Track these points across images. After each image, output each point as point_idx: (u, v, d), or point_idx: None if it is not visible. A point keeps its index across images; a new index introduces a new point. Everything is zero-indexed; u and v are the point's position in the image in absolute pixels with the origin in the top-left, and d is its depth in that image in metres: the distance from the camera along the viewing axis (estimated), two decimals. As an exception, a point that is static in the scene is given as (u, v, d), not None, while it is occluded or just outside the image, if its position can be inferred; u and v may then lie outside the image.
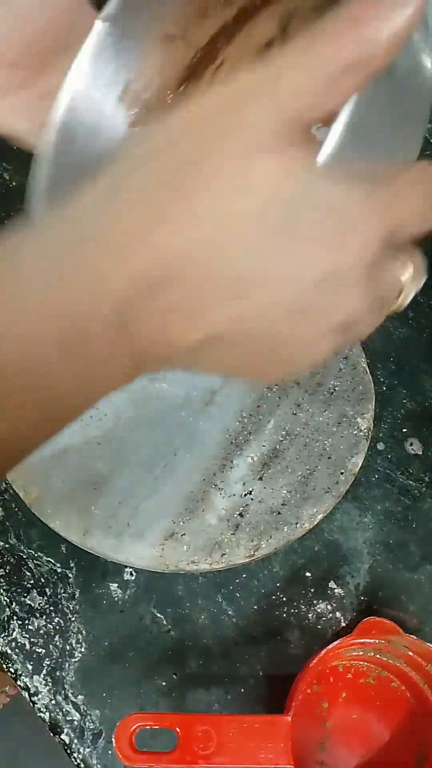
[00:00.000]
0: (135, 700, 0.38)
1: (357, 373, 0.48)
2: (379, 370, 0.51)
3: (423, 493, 0.46)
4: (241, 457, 0.43)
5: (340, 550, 0.44)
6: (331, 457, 0.44)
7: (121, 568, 0.41)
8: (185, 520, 0.41)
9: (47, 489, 0.41)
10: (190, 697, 0.38)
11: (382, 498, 0.46)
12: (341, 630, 0.41)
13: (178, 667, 0.39)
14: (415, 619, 0.42)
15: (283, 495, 0.42)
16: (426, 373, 0.51)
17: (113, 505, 0.41)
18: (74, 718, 0.37)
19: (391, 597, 0.42)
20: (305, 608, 0.41)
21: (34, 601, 0.40)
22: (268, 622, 0.41)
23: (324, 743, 0.38)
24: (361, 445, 0.45)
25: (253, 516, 0.41)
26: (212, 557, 0.40)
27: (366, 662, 0.39)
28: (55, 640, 0.39)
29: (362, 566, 0.43)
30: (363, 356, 0.48)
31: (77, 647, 0.39)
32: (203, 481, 0.42)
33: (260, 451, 0.44)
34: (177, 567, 0.39)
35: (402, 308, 0.24)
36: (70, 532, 0.40)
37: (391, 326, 0.53)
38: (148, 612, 0.40)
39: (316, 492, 0.43)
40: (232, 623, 0.41)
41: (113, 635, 0.40)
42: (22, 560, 0.41)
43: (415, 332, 0.53)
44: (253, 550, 0.40)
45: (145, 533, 0.40)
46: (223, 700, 0.39)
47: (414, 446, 0.48)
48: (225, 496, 0.42)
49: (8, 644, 0.39)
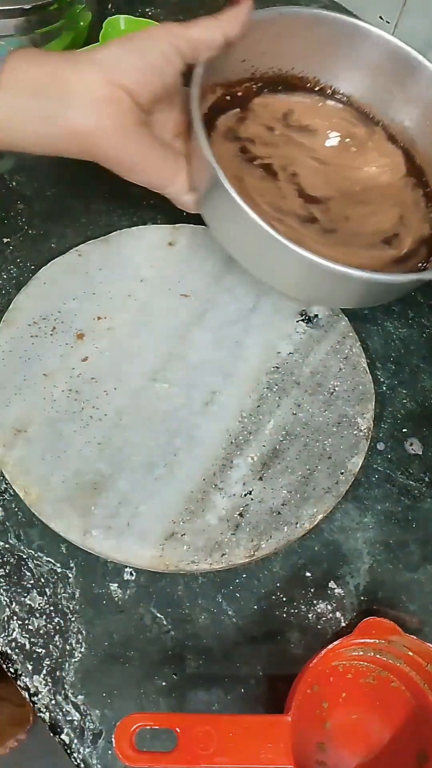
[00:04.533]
0: (135, 700, 0.38)
1: (357, 373, 0.48)
2: (379, 370, 0.51)
3: (423, 493, 0.46)
4: (241, 457, 0.43)
5: (340, 550, 0.44)
6: (331, 457, 0.44)
7: (121, 568, 0.41)
8: (185, 520, 0.41)
9: (47, 489, 0.41)
10: (190, 697, 0.38)
11: (382, 498, 0.46)
12: (341, 630, 0.41)
13: (178, 667, 0.39)
14: (415, 619, 0.42)
15: (283, 495, 0.42)
16: (426, 373, 0.51)
17: (113, 505, 0.41)
18: (74, 718, 0.37)
19: (391, 597, 0.42)
20: (305, 608, 0.41)
21: (34, 601, 0.40)
22: (268, 622, 0.41)
23: (324, 743, 0.38)
24: (361, 445, 0.45)
25: (253, 516, 0.41)
26: (212, 557, 0.40)
27: (366, 662, 0.39)
28: (55, 640, 0.39)
29: (362, 566, 0.43)
30: (363, 356, 0.49)
31: (77, 647, 0.39)
32: (203, 481, 0.42)
33: (260, 451, 0.44)
34: (177, 567, 0.39)
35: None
36: (70, 532, 0.40)
37: (391, 326, 0.53)
38: (148, 612, 0.40)
39: (316, 492, 0.43)
40: (232, 623, 0.41)
41: (113, 635, 0.40)
42: (22, 560, 0.41)
43: (415, 332, 0.53)
44: (253, 550, 0.40)
45: (145, 533, 0.40)
46: (223, 700, 0.39)
47: (414, 446, 0.48)
48: (225, 496, 0.42)
49: (8, 644, 0.39)
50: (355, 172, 0.51)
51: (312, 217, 0.47)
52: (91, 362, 0.46)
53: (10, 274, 0.52)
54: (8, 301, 0.48)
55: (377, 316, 0.54)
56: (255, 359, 0.47)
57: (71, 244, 0.53)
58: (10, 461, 0.41)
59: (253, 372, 0.47)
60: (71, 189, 0.58)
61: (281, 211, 0.46)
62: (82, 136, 0.40)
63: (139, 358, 0.47)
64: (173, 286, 0.50)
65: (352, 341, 0.49)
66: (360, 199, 0.49)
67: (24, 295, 0.48)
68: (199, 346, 0.48)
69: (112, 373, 0.46)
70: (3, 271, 0.52)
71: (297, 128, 0.50)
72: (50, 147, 0.41)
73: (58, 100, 0.39)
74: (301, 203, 0.47)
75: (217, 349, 0.48)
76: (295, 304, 0.50)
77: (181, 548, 0.40)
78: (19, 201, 0.57)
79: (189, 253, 0.52)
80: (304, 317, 0.50)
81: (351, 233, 0.47)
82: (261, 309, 0.50)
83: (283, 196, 0.47)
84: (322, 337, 0.49)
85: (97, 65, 0.39)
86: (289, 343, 0.48)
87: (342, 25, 0.47)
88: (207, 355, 0.47)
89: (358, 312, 0.54)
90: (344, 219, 0.47)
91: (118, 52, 0.39)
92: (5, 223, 0.55)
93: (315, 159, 0.50)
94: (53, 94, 0.39)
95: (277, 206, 0.46)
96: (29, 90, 0.39)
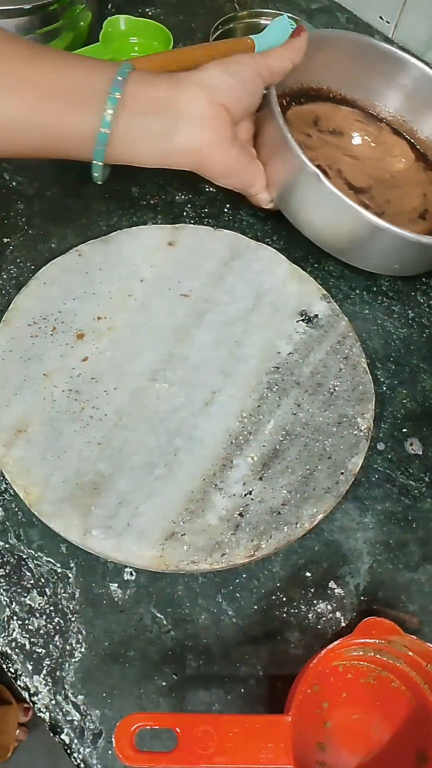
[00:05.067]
0: (135, 700, 0.38)
1: (357, 373, 0.48)
2: (379, 370, 0.51)
3: (423, 493, 0.46)
4: (241, 457, 0.43)
5: (340, 550, 0.44)
6: (331, 457, 0.44)
7: (121, 568, 0.41)
8: (185, 520, 0.41)
9: (47, 489, 0.41)
10: (190, 697, 0.38)
11: (382, 498, 0.46)
12: (341, 630, 0.41)
13: (178, 667, 0.39)
14: (415, 619, 0.42)
15: (283, 495, 0.42)
16: (426, 373, 0.51)
17: (113, 505, 0.41)
18: (74, 718, 0.37)
19: (391, 597, 0.42)
20: (305, 608, 0.41)
21: (34, 601, 0.40)
22: (268, 622, 0.41)
23: (324, 743, 0.38)
24: (361, 445, 0.45)
25: (253, 516, 0.41)
26: (212, 557, 0.40)
27: (366, 662, 0.39)
28: (55, 640, 0.39)
29: (362, 566, 0.43)
30: (363, 356, 0.48)
31: (77, 647, 0.39)
32: (203, 481, 0.42)
33: (260, 451, 0.44)
34: (177, 567, 0.39)
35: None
36: (70, 532, 0.40)
37: (391, 326, 0.53)
38: (148, 612, 0.40)
39: (316, 492, 0.43)
40: (232, 623, 0.41)
41: (113, 635, 0.40)
42: (22, 560, 0.41)
43: (415, 332, 0.53)
44: (253, 550, 0.40)
45: (145, 533, 0.40)
46: (223, 700, 0.39)
47: (414, 446, 0.48)
48: (225, 496, 0.42)
49: (8, 644, 0.39)
50: (381, 162, 0.60)
51: (365, 204, 0.56)
52: (91, 362, 0.46)
53: (10, 274, 0.52)
54: (8, 301, 0.48)
55: (377, 316, 0.54)
56: (255, 359, 0.47)
57: (71, 244, 0.53)
58: (10, 461, 0.41)
59: (253, 372, 0.47)
60: (71, 189, 0.58)
61: None
62: (193, 149, 0.46)
63: (139, 358, 0.47)
64: (173, 286, 0.50)
65: (352, 341, 0.49)
66: (393, 183, 0.59)
67: (24, 295, 0.48)
68: (199, 346, 0.48)
69: (112, 373, 0.46)
70: (3, 271, 0.52)
71: (328, 132, 0.60)
72: (163, 160, 0.47)
73: (171, 118, 0.45)
74: (353, 194, 0.56)
75: (217, 349, 0.48)
76: (294, 305, 0.50)
77: (181, 548, 0.40)
78: (19, 201, 0.57)
79: (189, 253, 0.52)
80: (304, 317, 0.50)
81: (395, 213, 0.56)
82: (261, 309, 0.50)
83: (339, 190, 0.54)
84: (322, 337, 0.49)
85: (200, 86, 0.45)
86: (289, 343, 0.48)
87: (349, 40, 0.59)
88: (207, 355, 0.47)
89: (358, 312, 0.54)
90: (387, 202, 0.57)
91: (216, 74, 0.46)
92: (5, 223, 0.55)
93: (349, 156, 0.59)
94: (167, 112, 0.45)
95: None
96: (146, 109, 0.45)
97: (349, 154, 0.59)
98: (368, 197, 0.57)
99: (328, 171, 0.57)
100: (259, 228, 0.57)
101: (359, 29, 0.77)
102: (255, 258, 0.52)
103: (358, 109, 0.62)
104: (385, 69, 0.60)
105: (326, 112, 0.61)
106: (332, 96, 0.62)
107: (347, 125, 0.61)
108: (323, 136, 0.60)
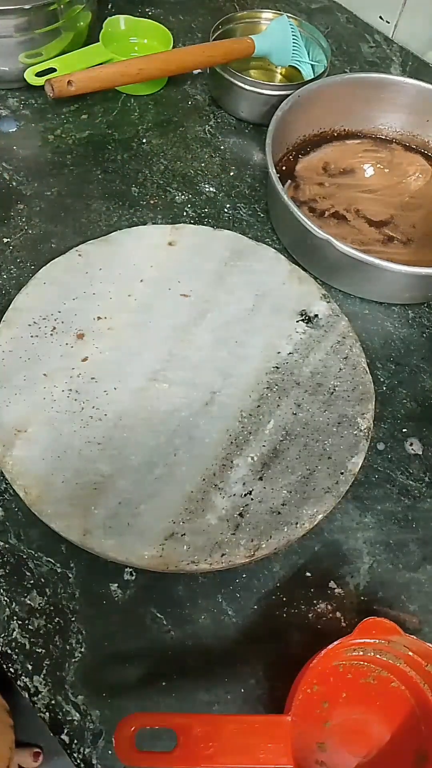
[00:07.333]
0: (135, 700, 0.38)
1: (357, 373, 0.48)
2: (379, 370, 0.51)
3: (423, 493, 0.46)
4: (241, 457, 0.43)
5: (340, 550, 0.44)
6: (331, 457, 0.44)
7: (121, 568, 0.41)
8: (185, 520, 0.41)
9: (47, 489, 0.41)
10: (190, 697, 0.38)
11: (382, 498, 0.46)
12: (341, 630, 0.41)
13: (178, 667, 0.39)
14: (415, 619, 0.42)
15: (283, 495, 0.42)
16: (426, 373, 0.51)
17: (113, 505, 0.41)
18: (74, 718, 0.37)
19: (391, 597, 0.42)
20: (305, 608, 0.41)
21: (34, 601, 0.40)
22: (268, 622, 0.41)
23: (324, 743, 0.38)
24: (361, 445, 0.45)
25: (253, 516, 0.41)
26: (212, 557, 0.40)
27: (366, 662, 0.39)
28: (55, 640, 0.39)
29: (362, 566, 0.43)
30: (363, 356, 0.48)
31: (77, 647, 0.39)
32: (203, 481, 0.42)
33: (260, 451, 0.44)
34: (177, 567, 0.39)
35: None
36: (70, 532, 0.40)
37: (391, 326, 0.53)
38: (148, 612, 0.40)
39: (316, 492, 0.43)
40: (232, 623, 0.41)
41: (113, 635, 0.40)
42: (22, 560, 0.41)
43: (415, 332, 0.53)
44: (253, 550, 0.40)
45: (145, 533, 0.40)
46: (223, 700, 0.39)
47: (414, 446, 0.48)
48: (225, 496, 0.42)
49: (8, 644, 0.39)
50: (399, 186, 0.61)
51: (389, 236, 0.58)
52: (91, 362, 0.46)
53: (10, 274, 0.52)
54: (8, 301, 0.48)
55: (377, 316, 0.54)
56: (255, 359, 0.47)
57: (71, 244, 0.53)
58: (10, 461, 0.41)
59: (253, 372, 0.47)
60: (71, 189, 0.58)
61: (364, 243, 0.57)
62: None
63: (139, 358, 0.47)
64: (173, 286, 0.50)
65: (352, 341, 0.49)
66: (415, 205, 0.60)
67: (24, 295, 0.48)
68: (199, 346, 0.48)
69: (112, 373, 0.46)
70: (3, 271, 0.52)
71: (339, 174, 0.62)
72: None
73: None
74: (375, 231, 0.58)
75: (217, 349, 0.48)
76: (294, 305, 0.50)
77: (181, 548, 0.40)
78: (19, 201, 0.57)
79: (189, 253, 0.52)
80: (304, 317, 0.50)
81: (422, 236, 0.58)
82: (261, 309, 0.50)
83: (359, 231, 0.57)
84: (322, 337, 0.49)
85: None
86: (289, 343, 0.48)
87: (336, 83, 0.61)
88: (207, 355, 0.47)
89: (358, 312, 0.54)
90: (412, 228, 0.59)
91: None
92: (5, 223, 0.55)
93: (366, 191, 0.61)
94: None
95: (360, 241, 0.57)
96: None
97: (364, 189, 0.61)
98: (391, 228, 0.58)
99: (347, 214, 0.59)
100: (259, 228, 0.57)
101: (359, 29, 0.77)
102: (255, 258, 0.52)
103: (366, 138, 0.64)
104: (380, 96, 0.62)
105: (334, 153, 0.63)
106: (337, 134, 0.64)
107: (357, 160, 0.63)
108: (335, 179, 0.61)
